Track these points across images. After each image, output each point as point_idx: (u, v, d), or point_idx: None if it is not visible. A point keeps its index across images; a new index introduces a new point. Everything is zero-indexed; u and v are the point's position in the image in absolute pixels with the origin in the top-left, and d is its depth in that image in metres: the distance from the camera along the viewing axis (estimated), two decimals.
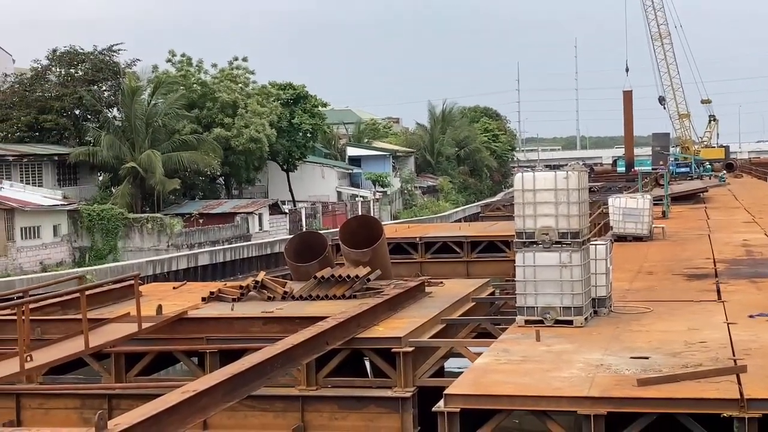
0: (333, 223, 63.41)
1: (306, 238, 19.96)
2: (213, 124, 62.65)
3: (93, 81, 59.84)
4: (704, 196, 44.73)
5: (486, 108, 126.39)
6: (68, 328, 13.57)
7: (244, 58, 68.32)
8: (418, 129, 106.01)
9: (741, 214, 34.76)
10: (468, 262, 26.30)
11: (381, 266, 17.51)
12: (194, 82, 64.11)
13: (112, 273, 39.53)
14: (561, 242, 12.97)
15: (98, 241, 50.27)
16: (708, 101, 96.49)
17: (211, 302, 15.98)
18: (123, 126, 58.02)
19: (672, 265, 19.90)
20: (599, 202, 33.49)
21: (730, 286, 16.51)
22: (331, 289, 16.07)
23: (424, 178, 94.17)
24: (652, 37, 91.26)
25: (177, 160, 56.79)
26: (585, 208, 13.46)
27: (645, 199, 25.67)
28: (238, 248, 51.66)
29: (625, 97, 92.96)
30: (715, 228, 28.76)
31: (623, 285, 16.61)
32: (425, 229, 31.14)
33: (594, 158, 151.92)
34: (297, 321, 13.70)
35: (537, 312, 13.03)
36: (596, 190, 52.91)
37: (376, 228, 18.88)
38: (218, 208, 59.15)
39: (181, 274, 44.23)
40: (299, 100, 71.09)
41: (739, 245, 23.49)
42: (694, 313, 13.90)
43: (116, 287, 16.87)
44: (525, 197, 13.16)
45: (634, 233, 25.17)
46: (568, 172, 13.33)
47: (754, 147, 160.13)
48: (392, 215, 77.04)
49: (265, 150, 64.50)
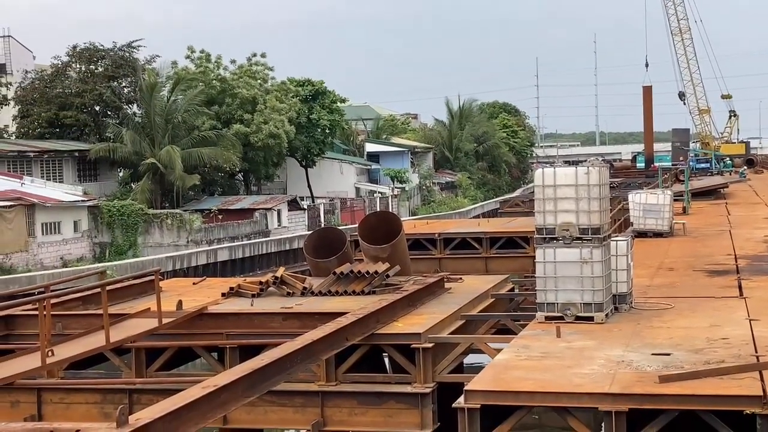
0: (351, 219, 63.46)
1: (325, 233, 19.96)
2: (232, 120, 62.81)
3: (113, 77, 60.15)
4: (725, 192, 44.45)
5: (505, 104, 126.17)
6: (89, 324, 13.64)
7: (263, 54, 68.52)
8: (436, 125, 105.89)
9: (762, 210, 34.52)
10: (487, 258, 26.22)
11: (400, 262, 17.49)
12: (213, 78, 64.28)
13: (133, 268, 39.74)
14: (581, 238, 12.91)
15: (118, 236, 50.52)
16: (728, 96, 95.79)
17: (230, 298, 16.02)
18: (143, 122, 58.28)
19: (693, 261, 19.79)
20: (619, 198, 33.34)
21: (752, 282, 16.39)
22: (350, 285, 16.07)
23: (443, 174, 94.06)
24: (672, 32, 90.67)
25: (197, 156, 57.00)
26: (605, 204, 13.39)
27: (665, 195, 25.54)
28: (257, 244, 51.81)
29: (645, 92, 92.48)
30: (736, 224, 28.58)
31: (644, 281, 16.52)
32: (444, 225, 31.08)
33: (613, 154, 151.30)
34: (316, 317, 13.71)
35: (557, 308, 12.98)
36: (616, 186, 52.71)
37: (395, 224, 18.86)
38: (237, 204, 59.31)
39: (200, 270, 44.43)
40: (318, 96, 71.14)
41: (760, 241, 23.32)
42: (715, 309, 13.81)
43: (137, 282, 16.95)
44: (545, 193, 13.11)
45: (655, 229, 25.04)
46: (589, 167, 13.26)
47: None
48: (411, 211, 77.01)
49: (284, 146, 64.61)
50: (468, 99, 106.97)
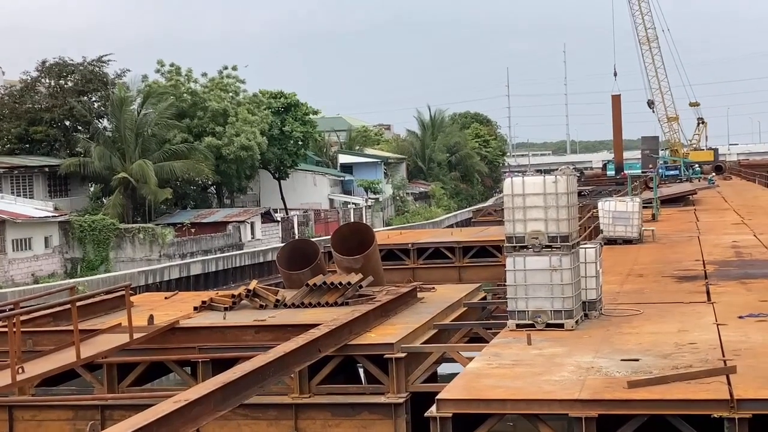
0: (325, 230, 63.45)
1: (298, 245, 19.99)
2: (204, 133, 62.67)
3: (83, 92, 59.87)
4: (693, 199, 44.84)
5: (476, 114, 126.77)
6: (60, 340, 13.57)
7: (234, 67, 68.43)
8: (409, 136, 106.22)
9: (730, 216, 34.88)
10: (460, 267, 26.36)
11: (373, 273, 17.55)
12: (184, 91, 64.12)
13: (104, 284, 39.52)
14: (551, 246, 13.02)
15: (90, 252, 50.21)
16: (696, 104, 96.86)
17: (203, 311, 15.99)
18: (113, 136, 58.01)
19: (662, 267, 19.97)
20: (589, 206, 33.59)
21: (720, 287, 16.58)
22: (323, 297, 16.10)
23: (416, 185, 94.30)
24: (639, 41, 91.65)
25: (168, 170, 56.80)
26: (574, 212, 13.51)
27: (634, 202, 25.75)
28: (230, 257, 51.68)
29: (614, 101, 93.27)
30: (705, 230, 28.86)
31: (614, 288, 16.66)
32: (417, 235, 31.19)
33: (584, 162, 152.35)
34: (289, 329, 13.73)
35: (528, 316, 13.07)
36: (586, 194, 53.06)
37: (367, 235, 18.92)
38: (210, 217, 59.14)
39: (173, 284, 44.22)
40: (290, 108, 71.15)
41: (728, 247, 23.57)
42: (684, 314, 13.96)
43: (108, 298, 16.87)
44: (514, 202, 13.22)
45: (624, 236, 25.23)
46: (557, 176, 13.39)
47: (743, 149, 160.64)
48: (384, 222, 77.12)
49: (257, 158, 64.53)
50: (440, 109, 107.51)
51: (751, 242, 24.48)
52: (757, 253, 21.94)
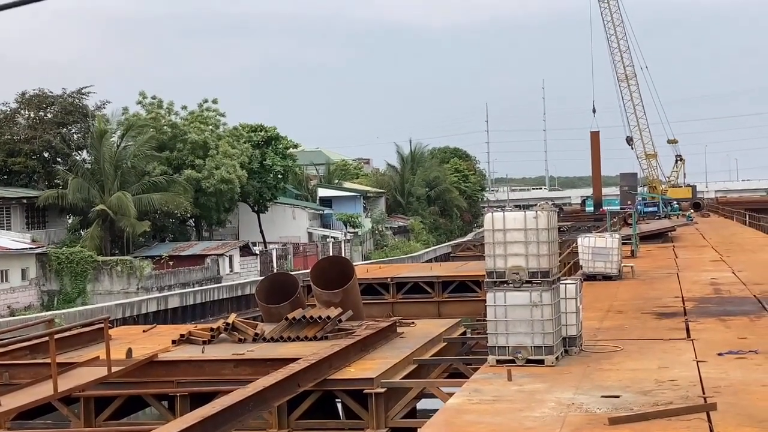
0: (304, 264, 63.28)
1: (277, 279, 19.92)
2: (183, 165, 62.55)
3: (62, 124, 59.71)
4: (672, 235, 45.12)
5: (456, 148, 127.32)
6: (37, 373, 13.42)
7: (215, 100, 68.49)
8: (388, 170, 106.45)
9: (708, 253, 35.11)
10: (439, 302, 26.31)
11: (352, 307, 17.50)
12: (165, 124, 64.08)
13: (81, 316, 39.15)
14: (531, 282, 13.04)
15: (67, 284, 49.82)
16: (674, 141, 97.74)
17: (181, 345, 15.88)
18: (92, 168, 57.78)
19: (641, 303, 20.04)
20: (569, 242, 33.70)
21: (699, 324, 16.65)
22: (302, 331, 16.03)
23: (395, 219, 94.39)
24: (618, 78, 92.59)
25: (147, 202, 56.59)
26: (554, 248, 13.56)
27: (614, 238, 25.88)
28: (208, 290, 51.39)
29: (593, 137, 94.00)
30: (684, 267, 29.02)
31: (594, 324, 16.69)
32: (396, 270, 31.16)
33: (563, 198, 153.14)
34: (268, 363, 13.64)
35: (508, 351, 13.06)
36: (565, 230, 53.31)
37: (347, 268, 18.89)
38: (188, 250, 58.87)
39: (151, 317, 43.89)
40: (271, 141, 71.23)
41: (707, 284, 23.71)
42: (664, 351, 13.99)
43: (85, 331, 16.73)
44: (495, 237, 13.25)
45: (604, 272, 25.33)
46: (538, 212, 13.45)
47: (721, 186, 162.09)
48: (363, 256, 77.02)
49: (237, 191, 64.43)
50: (420, 144, 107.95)
51: (730, 279, 24.63)
52: (735, 290, 22.07)
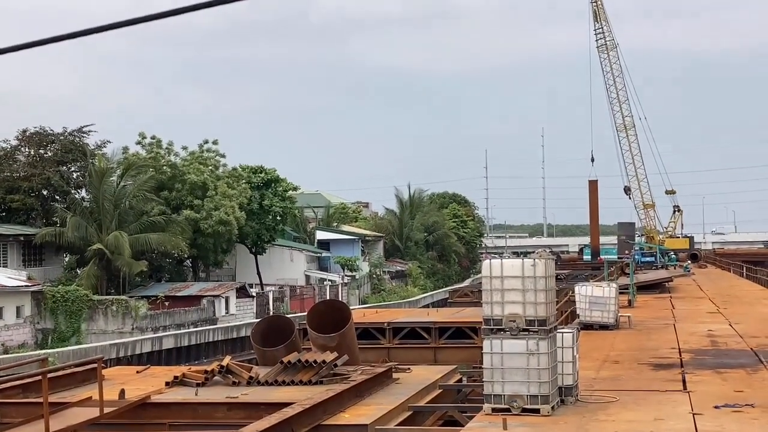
0: (301, 306, 63.14)
1: (273, 322, 19.82)
2: (182, 205, 62.66)
3: (62, 162, 59.92)
4: (669, 286, 45.06)
5: (455, 194, 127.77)
6: (29, 412, 13.30)
7: (215, 141, 68.88)
8: (387, 214, 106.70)
9: (706, 304, 35.04)
10: (436, 348, 26.17)
11: (348, 351, 17.41)
12: (164, 164, 64.31)
13: (75, 356, 38.97)
14: (528, 330, 13.00)
15: (62, 323, 49.65)
16: (672, 192, 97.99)
17: (174, 387, 15.76)
18: (91, 207, 57.87)
19: (638, 354, 19.96)
20: (566, 290, 33.64)
21: (696, 376, 16.57)
22: (297, 375, 15.93)
23: (393, 263, 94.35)
24: (617, 128, 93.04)
25: (144, 242, 56.57)
26: (552, 296, 13.53)
27: (611, 287, 25.83)
28: (203, 332, 51.20)
29: (591, 186, 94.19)
30: (681, 318, 28.95)
31: (590, 374, 16.61)
32: (393, 314, 31.05)
33: (560, 246, 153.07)
34: (262, 407, 13.54)
35: (504, 400, 12.98)
36: (563, 278, 53.21)
37: (344, 312, 18.82)
38: (185, 290, 58.75)
39: (145, 358, 43.70)
40: (270, 183, 71.44)
41: (704, 335, 23.63)
42: (660, 402, 13.91)
43: (79, 370, 16.61)
44: (493, 284, 13.23)
45: (601, 322, 25.24)
46: (536, 259, 13.44)
47: (718, 238, 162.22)
48: (360, 299, 76.87)
49: (234, 233, 64.45)
50: (418, 189, 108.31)
51: (727, 331, 24.55)
52: (732, 342, 22.00)
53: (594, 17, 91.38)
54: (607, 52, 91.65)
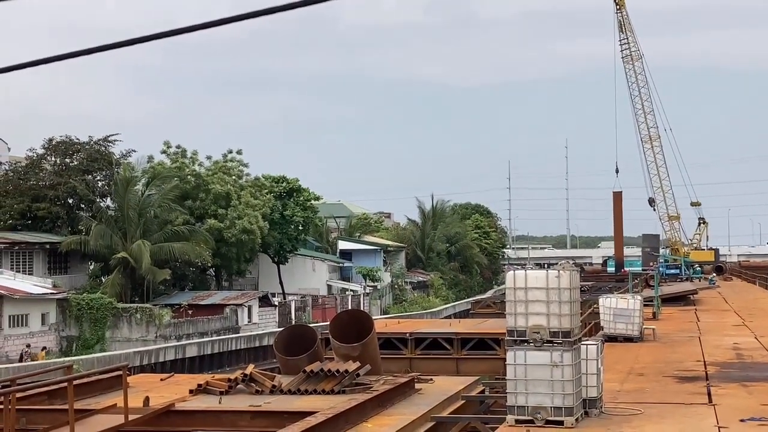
0: (323, 316, 63.18)
1: (296, 331, 19.86)
2: (206, 215, 62.95)
3: (87, 171, 60.36)
4: (694, 299, 44.76)
5: (477, 205, 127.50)
6: (54, 419, 13.40)
7: (239, 151, 69.19)
8: (409, 224, 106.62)
9: (731, 317, 34.77)
10: (458, 359, 26.09)
11: (371, 361, 17.41)
12: (188, 173, 64.65)
13: (100, 363, 39.17)
14: (552, 341, 12.95)
15: (86, 330, 49.95)
16: (697, 204, 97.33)
17: (198, 395, 15.82)
18: (116, 216, 58.25)
19: (662, 366, 19.83)
20: (590, 302, 33.49)
21: (721, 389, 16.44)
22: (320, 384, 15.94)
23: (415, 274, 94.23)
24: (642, 139, 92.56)
25: (168, 251, 56.84)
26: (576, 308, 13.48)
27: (635, 299, 25.69)
28: (226, 340, 51.33)
29: (615, 198, 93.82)
30: (705, 330, 28.74)
31: (614, 386, 16.52)
32: (415, 325, 31.01)
33: (584, 257, 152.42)
34: (285, 416, 13.56)
35: (528, 412, 12.93)
36: (586, 290, 52.98)
37: (366, 322, 18.83)
38: (208, 299, 58.97)
39: (168, 366, 43.86)
40: (292, 193, 71.62)
41: (729, 348, 23.45)
42: (684, 416, 13.82)
43: (104, 378, 16.71)
44: (517, 295, 13.20)
45: (625, 334, 25.11)
46: (560, 270, 13.40)
47: (744, 250, 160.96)
48: (382, 310, 76.81)
49: (257, 242, 64.64)
50: (440, 199, 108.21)
51: (752, 344, 24.35)
52: (758, 355, 21.82)
53: (619, 28, 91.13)
54: (632, 62, 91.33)
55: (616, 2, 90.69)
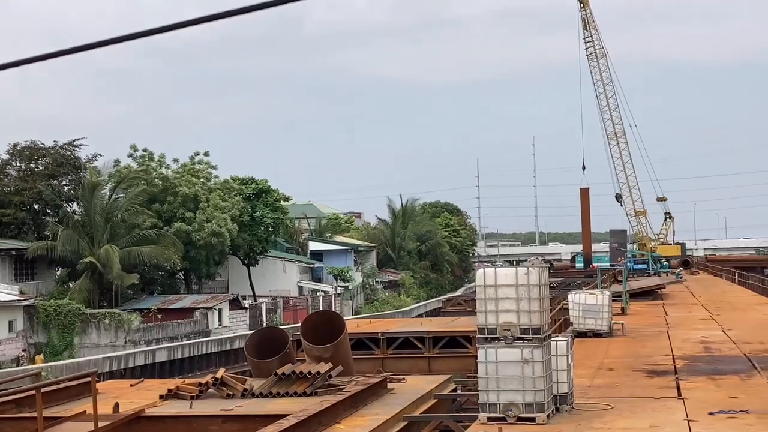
0: (294, 318, 63.03)
1: (266, 333, 19.80)
2: (174, 218, 62.55)
3: (53, 176, 59.77)
4: (662, 293, 45.14)
5: (447, 203, 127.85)
6: (23, 427, 13.26)
7: (206, 153, 68.86)
8: (379, 224, 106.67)
9: (698, 311, 35.12)
10: (430, 357, 26.11)
11: (343, 362, 17.38)
12: (155, 176, 64.22)
13: (68, 370, 38.82)
14: (522, 338, 13.01)
15: (54, 337, 49.46)
16: (663, 199, 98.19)
17: (169, 400, 15.71)
18: (82, 220, 57.74)
19: (632, 361, 19.98)
20: (559, 298, 33.67)
21: (690, 383, 16.59)
22: (292, 386, 15.89)
23: (386, 273, 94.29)
24: (607, 136, 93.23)
25: (136, 255, 56.44)
26: (546, 304, 13.55)
27: (604, 295, 25.87)
28: (196, 344, 51.04)
29: (583, 194, 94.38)
30: (674, 324, 29.00)
31: (584, 381, 16.62)
32: (387, 324, 31.01)
33: (553, 254, 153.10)
34: (257, 419, 13.51)
35: (499, 409, 12.98)
36: (556, 286, 53.24)
37: (337, 323, 18.80)
38: (177, 303, 58.59)
39: (138, 371, 43.53)
40: (261, 194, 71.37)
41: (697, 342, 23.68)
42: (654, 410, 13.93)
43: (73, 384, 16.54)
44: (487, 293, 13.24)
45: (594, 329, 25.27)
46: (529, 267, 13.46)
47: (710, 244, 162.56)
48: (354, 310, 76.78)
49: (227, 244, 64.33)
50: (411, 198, 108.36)
51: (720, 338, 24.61)
52: (725, 348, 22.05)
53: (583, 26, 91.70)
54: (596, 60, 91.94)
55: (580, 0, 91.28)
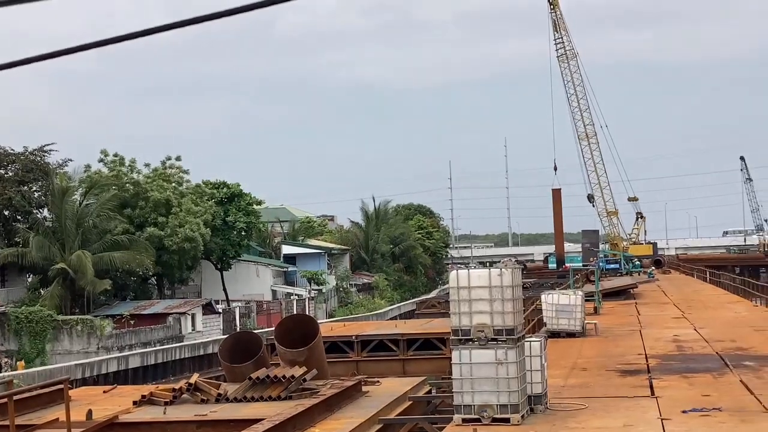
0: (268, 322, 62.82)
1: (240, 338, 19.73)
2: (146, 223, 62.16)
3: (23, 182, 59.18)
4: (634, 292, 45.44)
5: (420, 206, 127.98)
6: None
7: (178, 157, 68.48)
8: (352, 227, 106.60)
9: (670, 310, 35.37)
10: (404, 360, 26.14)
11: (317, 365, 17.35)
12: (127, 181, 63.79)
13: (40, 377, 38.43)
14: (496, 339, 13.04)
15: (26, 344, 49.01)
16: (635, 199, 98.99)
17: (142, 406, 15.61)
18: (53, 227, 57.26)
19: (605, 361, 20.09)
20: (532, 299, 33.81)
21: (663, 381, 16.71)
22: (266, 390, 15.84)
23: (360, 276, 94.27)
24: (578, 137, 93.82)
25: (108, 261, 56.05)
26: (519, 305, 13.60)
27: (577, 295, 26.01)
28: (170, 350, 50.73)
29: (554, 195, 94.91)
30: (646, 324, 29.19)
31: (558, 381, 16.69)
32: (361, 327, 31.00)
33: (526, 255, 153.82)
34: (231, 424, 13.46)
35: (474, 410, 13.00)
36: (529, 287, 53.47)
37: (311, 326, 18.77)
38: (150, 308, 58.24)
39: (111, 377, 43.22)
40: (234, 198, 71.10)
41: (669, 341, 23.85)
42: (628, 409, 14.01)
43: (45, 392, 16.40)
44: (460, 294, 13.26)
45: (567, 329, 25.39)
46: (502, 269, 13.50)
47: (681, 243, 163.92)
48: (328, 313, 76.69)
49: (200, 249, 64.02)
50: (384, 200, 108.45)
51: (692, 336, 24.80)
52: (698, 347, 22.23)
53: (554, 27, 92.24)
54: (567, 61, 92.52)
55: (550, 2, 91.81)
